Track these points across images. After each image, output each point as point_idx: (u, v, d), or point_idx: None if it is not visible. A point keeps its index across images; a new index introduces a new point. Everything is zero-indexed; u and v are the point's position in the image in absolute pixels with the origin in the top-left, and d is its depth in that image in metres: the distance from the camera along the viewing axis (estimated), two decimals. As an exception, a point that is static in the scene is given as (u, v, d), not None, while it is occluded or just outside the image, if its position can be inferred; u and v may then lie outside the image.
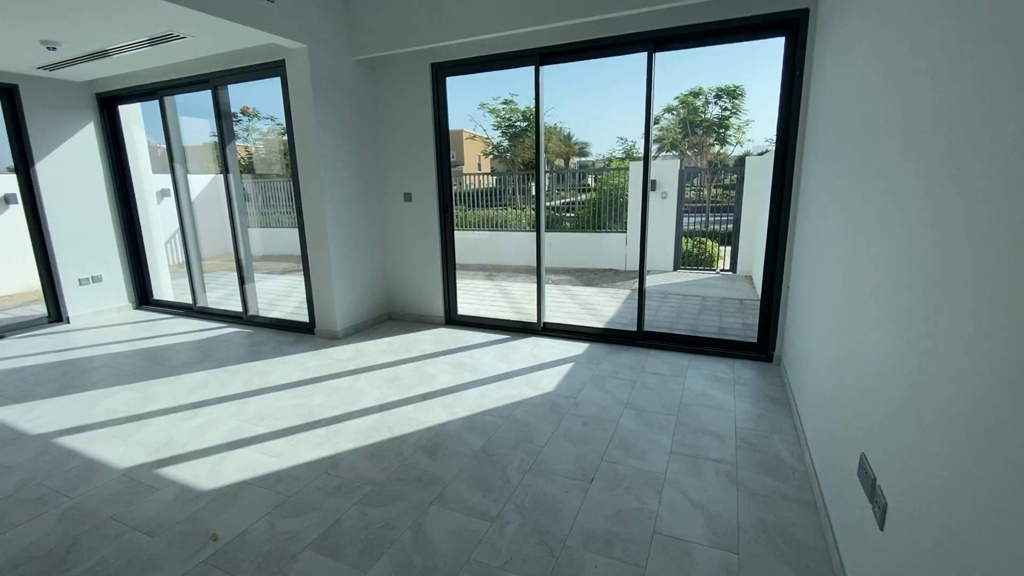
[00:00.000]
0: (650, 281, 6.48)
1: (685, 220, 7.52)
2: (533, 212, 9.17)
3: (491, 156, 20.32)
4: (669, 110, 14.08)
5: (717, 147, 14.22)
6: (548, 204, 9.59)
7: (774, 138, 3.25)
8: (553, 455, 2.36)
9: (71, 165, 4.76)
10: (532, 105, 3.85)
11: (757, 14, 2.98)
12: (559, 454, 2.37)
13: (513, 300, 5.73)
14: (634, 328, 3.87)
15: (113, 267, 5.17)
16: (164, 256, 5.73)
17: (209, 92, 4.33)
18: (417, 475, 2.23)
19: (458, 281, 4.57)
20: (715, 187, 10.38)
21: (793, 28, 2.98)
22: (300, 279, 7.27)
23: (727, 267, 7.22)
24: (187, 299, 5.23)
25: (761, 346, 3.48)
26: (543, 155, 3.92)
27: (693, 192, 9.34)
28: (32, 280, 5.63)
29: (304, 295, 4.33)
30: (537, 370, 3.40)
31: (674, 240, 7.33)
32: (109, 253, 5.13)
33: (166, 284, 5.65)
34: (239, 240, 4.62)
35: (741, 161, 13.70)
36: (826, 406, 1.98)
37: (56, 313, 4.83)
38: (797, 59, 2.98)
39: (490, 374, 3.35)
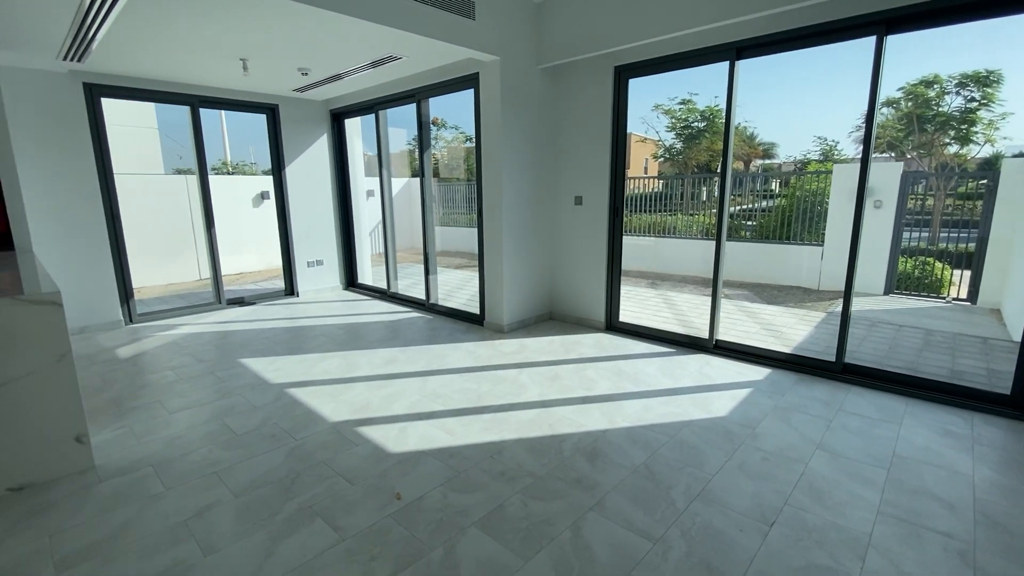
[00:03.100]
0: (855, 305, 5.50)
1: (904, 235, 6.26)
2: (703, 218, 8.58)
3: (661, 159, 19.50)
4: (889, 103, 11.78)
5: (955, 147, 11.46)
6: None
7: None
8: (725, 486, 2.15)
9: (308, 169, 5.87)
10: (712, 104, 3.58)
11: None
12: (732, 486, 2.14)
13: (679, 312, 5.40)
14: (831, 358, 3.33)
15: (331, 254, 6.24)
16: (368, 247, 6.72)
17: (405, 106, 4.97)
18: (576, 477, 2.22)
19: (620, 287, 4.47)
20: (948, 196, 8.41)
21: (1111, -14, 2.25)
22: (471, 274, 7.89)
23: (963, 296, 5.81)
24: (382, 285, 6.04)
25: (1017, 400, 2.71)
26: (731, 158, 3.60)
27: (915, 202, 7.70)
28: (273, 260, 7.12)
29: (476, 289, 4.67)
30: (707, 391, 3.15)
31: (888, 258, 6.14)
32: (328, 242, 6.20)
33: (367, 271, 6.62)
34: (428, 236, 5.17)
35: (989, 164, 10.87)
36: None
37: (290, 288, 5.99)
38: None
39: (653, 387, 3.20)
